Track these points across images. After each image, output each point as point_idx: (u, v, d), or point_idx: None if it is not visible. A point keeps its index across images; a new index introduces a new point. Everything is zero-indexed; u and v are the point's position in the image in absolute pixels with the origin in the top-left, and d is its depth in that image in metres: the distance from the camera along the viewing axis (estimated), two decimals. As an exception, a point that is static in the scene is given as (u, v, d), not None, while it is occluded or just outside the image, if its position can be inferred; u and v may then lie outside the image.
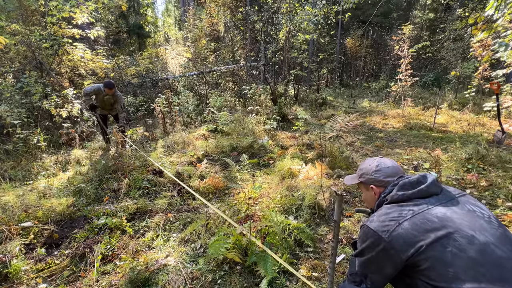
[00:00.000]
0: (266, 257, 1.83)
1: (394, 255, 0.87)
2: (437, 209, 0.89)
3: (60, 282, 1.83)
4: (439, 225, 0.83)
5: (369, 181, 1.17)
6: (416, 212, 0.90)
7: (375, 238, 0.92)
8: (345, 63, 20.04)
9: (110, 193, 3.00)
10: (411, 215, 0.89)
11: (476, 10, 7.96)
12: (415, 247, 0.83)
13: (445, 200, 0.93)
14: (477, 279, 0.73)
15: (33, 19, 6.85)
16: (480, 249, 0.77)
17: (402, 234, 0.86)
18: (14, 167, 3.78)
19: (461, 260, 0.77)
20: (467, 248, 0.78)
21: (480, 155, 3.48)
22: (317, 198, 2.54)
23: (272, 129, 5.46)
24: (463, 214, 0.86)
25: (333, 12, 7.51)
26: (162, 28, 25.23)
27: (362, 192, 1.29)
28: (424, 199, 0.94)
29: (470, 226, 0.82)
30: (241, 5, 10.93)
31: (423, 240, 0.82)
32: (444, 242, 0.80)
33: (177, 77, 9.46)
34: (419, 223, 0.86)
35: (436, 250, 0.80)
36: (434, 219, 0.86)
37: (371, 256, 0.95)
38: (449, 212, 0.87)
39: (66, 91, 5.26)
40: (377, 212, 1.02)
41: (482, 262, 0.75)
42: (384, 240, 0.89)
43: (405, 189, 0.99)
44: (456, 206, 0.90)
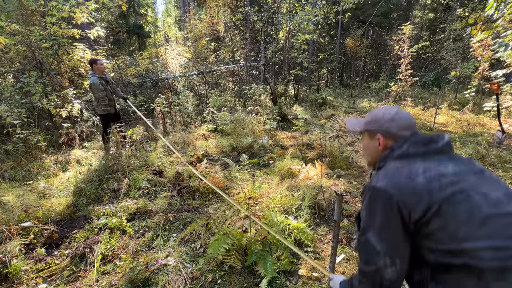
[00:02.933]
0: (266, 256, 1.84)
1: (407, 216, 0.78)
2: (450, 167, 0.83)
3: (60, 282, 1.83)
4: (454, 180, 0.78)
5: (378, 130, 1.01)
6: (429, 168, 0.82)
7: (386, 197, 0.81)
8: (345, 63, 20.05)
9: (110, 193, 3.00)
10: (423, 170, 0.82)
11: (476, 10, 7.97)
12: (430, 204, 0.76)
13: (457, 160, 0.87)
14: (490, 236, 0.71)
15: (33, 19, 6.85)
16: (494, 206, 0.74)
17: (415, 190, 0.78)
18: (14, 167, 3.77)
19: (474, 217, 0.73)
20: (481, 204, 0.74)
21: (480, 155, 3.48)
22: (317, 198, 2.54)
23: (272, 129, 5.46)
24: (475, 173, 0.82)
25: (333, 12, 7.51)
26: (162, 28, 25.22)
27: (362, 140, 1.13)
28: (436, 156, 0.87)
29: (483, 183, 0.79)
30: (241, 5, 10.92)
31: (438, 196, 0.76)
32: (458, 198, 0.75)
33: (177, 77, 9.46)
34: (433, 179, 0.79)
35: (451, 206, 0.75)
36: (449, 175, 0.80)
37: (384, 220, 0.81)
38: (462, 170, 0.82)
39: (66, 91, 5.25)
40: (382, 170, 0.92)
41: (496, 220, 0.72)
42: (396, 199, 0.79)
43: (418, 146, 0.90)
44: (468, 166, 0.85)
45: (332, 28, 15.62)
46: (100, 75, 4.20)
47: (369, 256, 0.84)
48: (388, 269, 0.80)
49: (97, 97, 4.16)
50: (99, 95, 4.13)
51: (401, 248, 0.81)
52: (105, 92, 4.19)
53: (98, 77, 4.15)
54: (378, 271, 0.81)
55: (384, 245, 0.81)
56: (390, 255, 0.80)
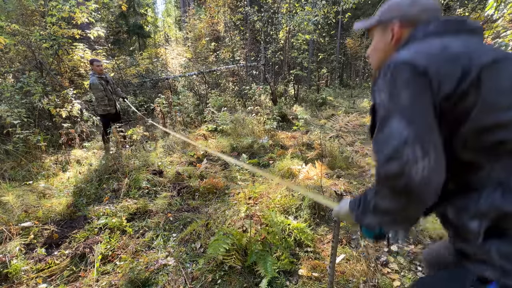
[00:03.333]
0: (266, 256, 1.84)
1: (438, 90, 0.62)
2: (486, 45, 0.68)
3: (60, 282, 1.83)
4: (493, 52, 0.64)
5: (393, 18, 0.81)
6: (463, 40, 0.68)
7: (413, 69, 0.64)
8: (345, 63, 20.05)
9: (110, 193, 3.00)
10: (458, 44, 0.67)
11: (476, 10, 7.96)
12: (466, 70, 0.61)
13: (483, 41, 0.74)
14: None
15: (33, 19, 6.84)
16: None
17: (450, 57, 0.64)
18: (14, 167, 3.78)
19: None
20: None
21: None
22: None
23: (272, 129, 5.46)
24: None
25: (333, 12, 7.51)
26: (162, 28, 25.22)
27: (372, 41, 0.91)
28: (471, 36, 0.72)
29: None
30: (241, 5, 10.92)
31: (476, 62, 0.62)
32: (500, 66, 0.62)
33: (177, 77, 9.46)
34: (468, 47, 0.65)
35: (493, 72, 0.61)
36: (485, 48, 0.66)
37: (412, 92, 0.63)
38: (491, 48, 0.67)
39: (66, 91, 5.26)
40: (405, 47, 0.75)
41: None
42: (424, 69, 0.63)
43: (449, 24, 0.73)
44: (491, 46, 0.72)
45: (332, 28, 15.62)
46: (100, 75, 4.20)
47: (392, 149, 0.60)
48: (420, 163, 0.57)
49: (96, 97, 4.17)
50: (98, 95, 4.13)
51: (435, 134, 0.61)
52: (104, 92, 4.19)
53: (98, 77, 4.15)
54: (405, 168, 0.58)
55: (413, 129, 0.59)
56: (422, 142, 0.58)
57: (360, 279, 1.73)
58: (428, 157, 0.58)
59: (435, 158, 0.58)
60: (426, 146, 0.58)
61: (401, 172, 0.58)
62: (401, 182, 0.59)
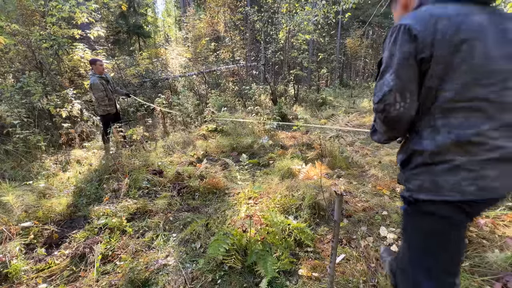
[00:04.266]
0: (266, 256, 1.83)
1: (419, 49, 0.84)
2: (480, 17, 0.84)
3: (60, 282, 1.83)
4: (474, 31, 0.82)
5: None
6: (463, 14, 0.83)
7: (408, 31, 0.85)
8: (345, 63, 20.05)
9: (110, 193, 3.00)
10: (454, 13, 0.83)
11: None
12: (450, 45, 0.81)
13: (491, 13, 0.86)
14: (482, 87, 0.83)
15: (33, 19, 6.85)
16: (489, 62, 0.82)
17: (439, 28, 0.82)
18: (14, 167, 3.78)
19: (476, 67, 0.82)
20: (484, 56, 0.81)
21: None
22: (317, 198, 2.54)
23: (272, 129, 5.46)
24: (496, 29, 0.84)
25: (333, 12, 7.50)
26: (162, 28, 25.23)
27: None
28: (473, 4, 0.87)
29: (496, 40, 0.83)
30: (241, 5, 10.92)
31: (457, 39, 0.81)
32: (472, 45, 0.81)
33: (177, 77, 9.46)
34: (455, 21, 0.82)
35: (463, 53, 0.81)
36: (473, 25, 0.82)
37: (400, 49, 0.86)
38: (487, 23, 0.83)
39: (66, 91, 5.26)
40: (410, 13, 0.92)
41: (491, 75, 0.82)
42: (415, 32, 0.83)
43: None
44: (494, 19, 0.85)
45: (332, 28, 15.61)
46: (101, 75, 4.21)
47: (382, 93, 0.91)
48: (397, 105, 0.88)
49: (96, 97, 4.16)
50: (99, 95, 4.13)
51: (412, 84, 0.87)
52: (105, 92, 4.19)
53: (98, 77, 4.16)
54: (386, 107, 0.90)
55: (398, 81, 0.87)
56: (401, 91, 0.87)
57: (360, 279, 1.73)
58: (404, 101, 0.88)
59: (409, 102, 0.88)
60: (404, 93, 0.87)
61: (383, 109, 0.91)
62: (383, 115, 0.93)
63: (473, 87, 0.82)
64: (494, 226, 2.03)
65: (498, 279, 1.58)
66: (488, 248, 1.83)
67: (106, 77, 4.31)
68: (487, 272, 1.65)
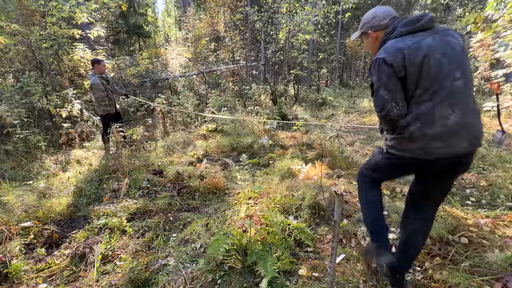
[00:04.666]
0: (266, 256, 1.83)
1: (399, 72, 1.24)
2: (429, 40, 1.24)
3: (60, 282, 1.83)
4: (428, 52, 1.22)
5: (367, 29, 1.47)
6: (418, 42, 1.24)
7: (385, 63, 1.25)
8: (345, 63, 20.04)
9: (110, 193, 3.00)
10: (416, 45, 1.23)
11: (476, 10, 7.96)
12: (415, 65, 1.22)
13: (436, 34, 1.27)
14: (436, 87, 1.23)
15: (33, 19, 6.85)
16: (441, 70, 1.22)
17: (401, 56, 1.23)
18: (14, 167, 3.78)
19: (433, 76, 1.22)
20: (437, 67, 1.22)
21: (480, 155, 3.48)
22: (317, 198, 2.54)
23: (272, 129, 5.45)
24: (442, 45, 1.24)
25: (333, 12, 7.50)
26: (162, 28, 25.23)
27: (364, 43, 1.57)
28: (421, 32, 1.28)
29: (443, 53, 1.22)
30: (241, 5, 10.92)
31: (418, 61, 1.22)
32: (428, 62, 1.21)
33: (177, 77, 9.46)
34: (415, 49, 1.23)
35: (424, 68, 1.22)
36: (427, 47, 1.22)
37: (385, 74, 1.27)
38: (435, 43, 1.24)
39: (66, 91, 5.25)
40: (383, 46, 1.33)
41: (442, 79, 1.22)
42: (390, 62, 1.24)
43: (408, 25, 1.30)
44: (439, 38, 1.26)
45: (332, 28, 15.61)
46: (101, 75, 4.21)
47: (382, 104, 1.30)
48: (394, 110, 1.28)
49: (97, 97, 4.16)
50: (99, 95, 4.13)
51: (399, 94, 1.27)
52: (105, 92, 4.19)
53: (99, 77, 4.16)
54: (387, 113, 1.29)
55: (389, 93, 1.27)
56: (395, 98, 1.27)
57: (360, 279, 1.73)
58: (398, 106, 1.27)
59: (402, 105, 1.28)
60: (397, 101, 1.27)
61: (386, 115, 1.30)
62: (387, 119, 1.31)
63: (433, 85, 1.23)
64: (494, 226, 2.03)
65: (498, 279, 1.58)
66: (488, 248, 1.83)
67: (106, 77, 4.32)
68: (487, 272, 1.65)
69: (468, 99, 1.27)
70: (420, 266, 1.83)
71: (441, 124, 1.23)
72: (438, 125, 1.23)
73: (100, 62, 4.22)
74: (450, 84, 1.23)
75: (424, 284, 1.68)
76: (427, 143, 1.25)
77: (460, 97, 1.24)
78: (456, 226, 2.04)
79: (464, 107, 1.25)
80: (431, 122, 1.24)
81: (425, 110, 1.24)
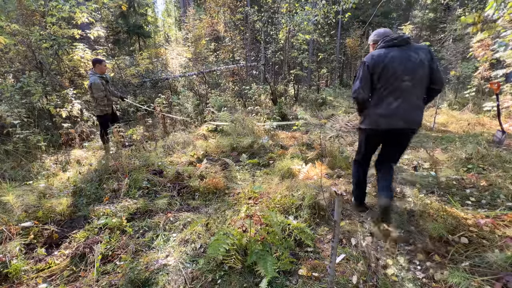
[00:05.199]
0: (266, 256, 1.83)
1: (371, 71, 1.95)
2: (395, 52, 1.91)
3: (60, 282, 1.83)
4: (389, 60, 1.90)
5: (370, 42, 2.22)
6: (386, 53, 1.93)
7: (365, 64, 1.97)
8: (345, 63, 20.02)
9: (110, 193, 3.00)
10: (383, 53, 1.93)
11: (476, 10, 7.96)
12: (379, 68, 1.91)
13: (402, 51, 1.91)
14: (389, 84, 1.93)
15: (33, 19, 6.85)
16: (395, 73, 1.90)
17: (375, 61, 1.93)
18: (14, 167, 3.78)
19: (388, 76, 1.91)
20: (392, 71, 1.89)
21: (480, 155, 3.48)
22: (317, 198, 2.54)
23: (272, 129, 5.45)
24: (402, 57, 1.89)
25: (333, 12, 7.50)
26: (162, 28, 25.20)
27: None
28: (392, 47, 1.95)
29: (400, 63, 1.89)
30: (241, 5, 10.91)
31: (382, 65, 1.91)
32: (387, 67, 1.90)
33: (177, 77, 9.46)
34: (382, 57, 1.92)
35: (384, 70, 1.91)
36: (390, 57, 1.90)
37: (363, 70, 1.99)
38: (398, 55, 1.90)
39: (66, 91, 5.25)
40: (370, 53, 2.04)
41: (393, 79, 1.91)
42: (367, 64, 1.96)
43: (385, 42, 1.99)
44: (404, 52, 1.91)
45: (332, 28, 15.61)
46: (101, 75, 4.22)
47: (354, 90, 2.03)
48: (362, 93, 1.99)
49: (96, 97, 4.16)
50: (99, 94, 4.13)
51: (368, 84, 1.97)
52: (105, 92, 4.20)
53: (99, 76, 4.16)
54: (359, 94, 2.01)
55: (362, 83, 1.98)
56: (363, 88, 1.98)
57: (361, 279, 1.73)
58: (363, 92, 2.01)
59: (366, 92, 2.01)
60: (364, 88, 2.00)
61: (355, 97, 2.05)
62: (356, 100, 2.07)
63: (387, 82, 1.92)
64: (494, 226, 2.03)
65: (498, 279, 1.58)
66: (488, 248, 1.83)
67: (106, 77, 4.32)
68: (487, 272, 1.65)
69: (411, 96, 1.92)
70: (420, 266, 1.83)
71: (385, 108, 1.96)
72: (383, 108, 1.97)
73: (102, 62, 4.23)
74: (398, 84, 1.90)
75: (424, 284, 1.69)
76: (377, 119, 2.02)
77: (405, 93, 1.91)
78: (456, 226, 2.04)
79: (405, 100, 1.92)
80: (380, 105, 1.98)
81: (378, 97, 1.98)
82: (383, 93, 1.94)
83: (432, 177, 3.13)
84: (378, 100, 1.97)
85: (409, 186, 2.95)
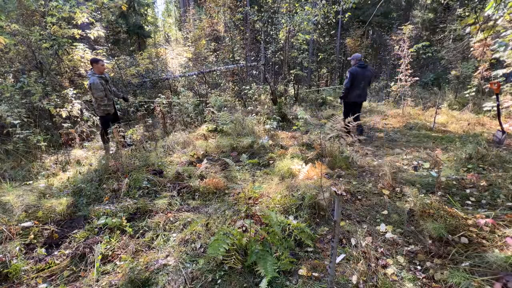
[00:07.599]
0: (266, 256, 1.83)
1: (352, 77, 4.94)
2: (360, 71, 4.92)
3: (60, 282, 1.83)
4: (360, 75, 4.93)
5: (352, 61, 5.11)
6: (358, 69, 4.93)
7: (350, 72, 4.94)
8: (345, 63, 20.03)
9: (110, 193, 3.00)
10: (356, 69, 4.94)
11: (476, 10, 7.95)
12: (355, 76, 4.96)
13: (365, 70, 4.97)
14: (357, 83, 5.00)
15: (33, 19, 6.85)
16: (358, 83, 4.97)
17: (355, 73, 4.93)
18: (14, 167, 3.78)
19: (355, 83, 4.98)
20: (357, 81, 4.95)
21: (480, 155, 3.48)
22: (317, 198, 2.54)
23: (272, 129, 5.45)
24: (363, 74, 4.93)
25: (333, 12, 7.51)
26: (162, 28, 25.21)
27: None
28: (361, 67, 4.95)
29: (362, 77, 4.94)
30: (241, 5, 10.91)
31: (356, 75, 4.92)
32: (357, 77, 4.94)
33: (177, 77, 9.46)
34: (357, 71, 4.92)
35: (355, 79, 4.94)
36: (359, 72, 4.92)
37: (350, 76, 4.94)
38: (361, 72, 4.92)
39: (66, 91, 5.25)
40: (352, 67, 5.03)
41: (357, 86, 5.01)
42: (351, 72, 4.93)
43: (358, 63, 5.00)
44: (364, 70, 4.95)
45: (332, 28, 15.61)
46: (100, 75, 4.21)
47: (345, 85, 5.02)
48: (348, 87, 5.00)
49: (96, 97, 4.16)
50: (99, 94, 4.13)
51: (349, 83, 4.96)
52: (104, 92, 4.19)
53: (98, 76, 4.16)
54: (348, 86, 5.00)
55: (349, 81, 4.95)
56: (348, 84, 4.97)
57: (361, 279, 1.73)
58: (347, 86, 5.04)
59: (349, 86, 5.04)
60: (348, 85, 5.02)
61: (346, 88, 5.07)
62: (346, 89, 5.11)
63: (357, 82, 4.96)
64: (494, 226, 2.03)
65: (498, 279, 1.58)
66: (488, 248, 1.83)
67: (105, 77, 4.31)
68: (487, 272, 1.65)
69: (365, 90, 5.04)
70: (420, 266, 1.83)
71: (354, 94, 5.00)
72: (354, 94, 5.00)
73: (99, 61, 4.22)
74: (358, 84, 4.91)
75: (424, 284, 1.69)
76: (352, 97, 5.04)
77: (361, 89, 4.96)
78: (456, 226, 2.04)
79: (361, 91, 5.00)
80: (353, 92, 4.99)
81: (352, 89, 4.97)
82: (353, 88, 4.94)
83: (432, 177, 3.13)
84: (351, 91, 4.97)
85: (409, 186, 2.95)
